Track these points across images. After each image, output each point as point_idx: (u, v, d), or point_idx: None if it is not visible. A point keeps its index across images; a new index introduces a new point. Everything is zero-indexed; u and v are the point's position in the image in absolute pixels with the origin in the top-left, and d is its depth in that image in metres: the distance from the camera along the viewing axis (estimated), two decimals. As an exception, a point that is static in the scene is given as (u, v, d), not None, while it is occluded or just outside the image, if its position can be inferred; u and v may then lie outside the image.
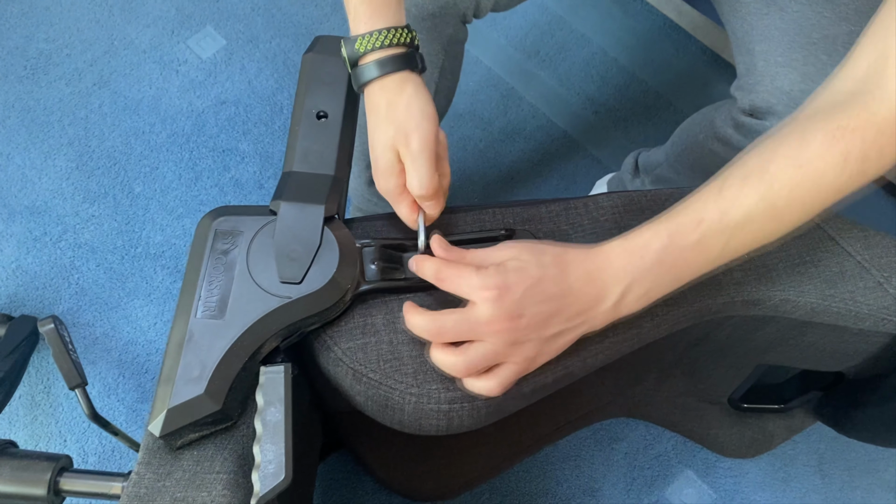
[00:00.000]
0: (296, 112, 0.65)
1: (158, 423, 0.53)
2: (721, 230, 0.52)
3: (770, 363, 0.84)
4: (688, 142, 0.95)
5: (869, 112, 0.49)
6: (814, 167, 0.50)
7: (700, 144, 0.90)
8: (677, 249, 0.52)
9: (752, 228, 0.52)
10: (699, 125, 0.92)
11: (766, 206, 0.51)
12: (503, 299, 0.51)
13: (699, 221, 0.52)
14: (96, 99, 1.29)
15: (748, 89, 0.77)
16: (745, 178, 0.52)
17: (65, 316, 1.13)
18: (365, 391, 0.59)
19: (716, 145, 0.86)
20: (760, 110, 0.76)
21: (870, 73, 0.51)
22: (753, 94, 0.76)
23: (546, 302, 0.52)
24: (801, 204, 0.52)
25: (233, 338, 0.55)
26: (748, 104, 0.77)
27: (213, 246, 0.59)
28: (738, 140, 0.81)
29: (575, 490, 1.07)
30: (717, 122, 0.86)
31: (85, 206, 1.21)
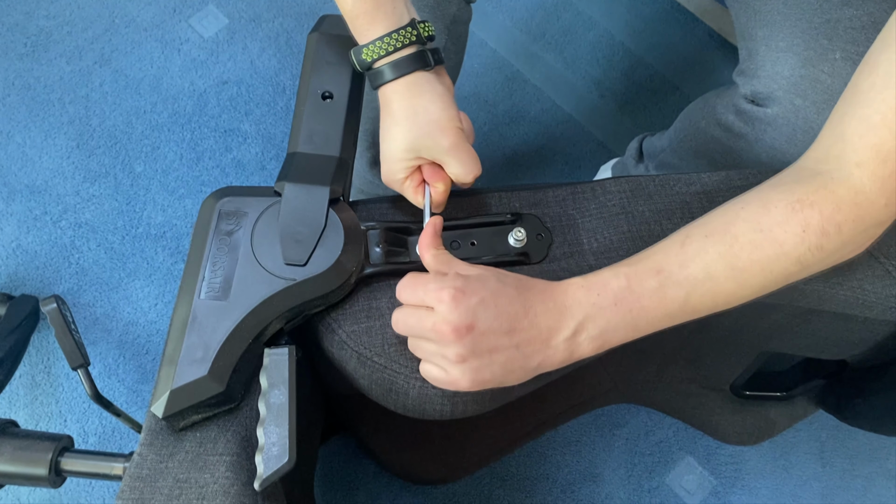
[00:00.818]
0: (301, 92, 0.64)
1: (161, 404, 0.52)
2: (680, 282, 0.52)
3: (773, 351, 0.83)
4: (690, 128, 0.94)
5: (827, 189, 0.51)
6: (774, 234, 0.52)
7: (702, 131, 0.89)
8: (635, 294, 0.52)
9: (712, 286, 0.53)
10: (701, 111, 0.91)
11: (726, 266, 0.52)
12: (457, 302, 0.49)
13: (658, 270, 0.52)
14: (97, 77, 1.28)
15: (750, 75, 0.76)
16: (707, 235, 0.53)
17: (65, 296, 1.13)
18: (369, 375, 0.59)
19: (717, 131, 0.85)
20: (761, 96, 0.75)
21: (829, 154, 0.53)
22: (755, 80, 0.75)
23: (500, 318, 0.50)
24: (761, 268, 0.52)
25: (236, 319, 0.55)
26: (749, 90, 0.77)
27: (218, 227, 0.59)
28: (740, 127, 0.80)
29: (575, 475, 1.07)
30: (718, 108, 0.85)
31: (85, 186, 1.20)
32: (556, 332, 0.52)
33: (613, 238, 0.64)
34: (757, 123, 0.77)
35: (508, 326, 0.50)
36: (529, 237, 0.63)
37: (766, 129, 0.76)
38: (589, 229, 0.65)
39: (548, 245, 0.63)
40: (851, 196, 0.51)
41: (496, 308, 0.50)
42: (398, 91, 0.58)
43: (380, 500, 1.04)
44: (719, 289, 0.53)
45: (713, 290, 0.53)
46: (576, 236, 0.64)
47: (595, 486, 1.07)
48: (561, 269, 0.62)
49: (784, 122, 0.74)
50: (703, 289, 0.52)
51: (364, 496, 1.04)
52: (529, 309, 0.51)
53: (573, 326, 0.52)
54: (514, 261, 0.62)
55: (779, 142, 0.75)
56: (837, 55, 0.69)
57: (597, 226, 0.65)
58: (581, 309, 0.52)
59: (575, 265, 0.63)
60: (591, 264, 0.63)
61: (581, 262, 0.63)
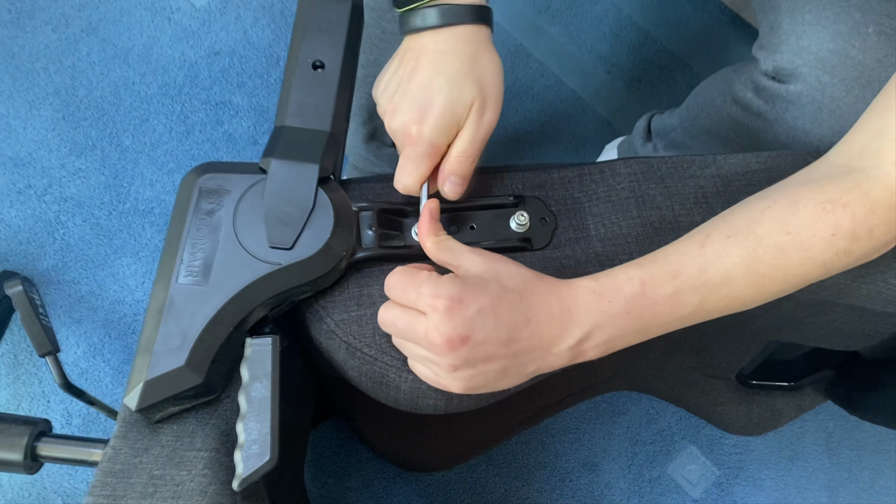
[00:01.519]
0: (290, 61, 0.60)
1: (135, 396, 0.50)
2: (697, 287, 0.49)
3: (783, 341, 0.81)
4: (704, 105, 0.90)
5: (862, 190, 0.48)
6: (801, 237, 0.48)
7: (717, 108, 0.86)
8: (648, 300, 0.48)
9: (730, 291, 0.49)
10: (717, 88, 0.87)
11: (747, 271, 0.49)
12: (452, 313, 0.46)
13: (675, 274, 0.49)
14: (84, 46, 1.25)
15: (771, 49, 0.72)
16: (729, 235, 0.49)
17: (49, 273, 1.10)
18: (359, 367, 0.56)
19: (734, 110, 0.81)
20: (784, 72, 0.71)
21: (866, 150, 0.49)
22: (777, 55, 0.71)
23: (499, 328, 0.46)
24: (783, 273, 0.49)
25: (217, 306, 0.52)
26: (771, 66, 0.72)
27: (198, 205, 0.55)
28: (759, 105, 0.76)
29: (574, 464, 1.06)
30: (735, 84, 0.81)
31: (71, 159, 1.17)
32: (558, 341, 0.48)
33: (622, 223, 0.61)
34: (778, 101, 0.73)
35: (507, 336, 0.47)
36: (532, 221, 0.60)
37: (788, 107, 0.72)
38: (596, 214, 0.61)
39: (552, 230, 0.60)
40: (887, 197, 0.47)
41: (495, 318, 0.46)
42: (463, 37, 0.54)
43: (372, 486, 1.03)
44: (736, 293, 0.50)
45: (729, 295, 0.50)
46: (582, 221, 0.61)
47: (594, 476, 1.06)
48: (565, 256, 0.59)
49: (808, 100, 0.70)
50: (719, 294, 0.49)
51: (356, 482, 1.03)
52: (532, 318, 0.47)
53: (579, 335, 0.48)
54: (515, 247, 0.59)
55: (801, 121, 0.72)
56: (871, 29, 0.65)
57: (604, 210, 0.62)
58: (590, 317, 0.48)
59: (580, 252, 0.60)
60: (597, 251, 0.60)
61: (587, 249, 0.60)
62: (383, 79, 0.58)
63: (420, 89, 0.54)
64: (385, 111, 0.56)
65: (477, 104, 0.54)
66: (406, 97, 0.55)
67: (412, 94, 0.54)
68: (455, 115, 0.54)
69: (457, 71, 0.54)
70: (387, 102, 0.56)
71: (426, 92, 0.54)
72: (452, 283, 0.47)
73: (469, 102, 0.54)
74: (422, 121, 0.54)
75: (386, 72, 0.58)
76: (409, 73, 0.55)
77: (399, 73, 0.56)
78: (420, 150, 0.54)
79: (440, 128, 0.54)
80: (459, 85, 0.54)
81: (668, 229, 0.60)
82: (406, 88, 0.55)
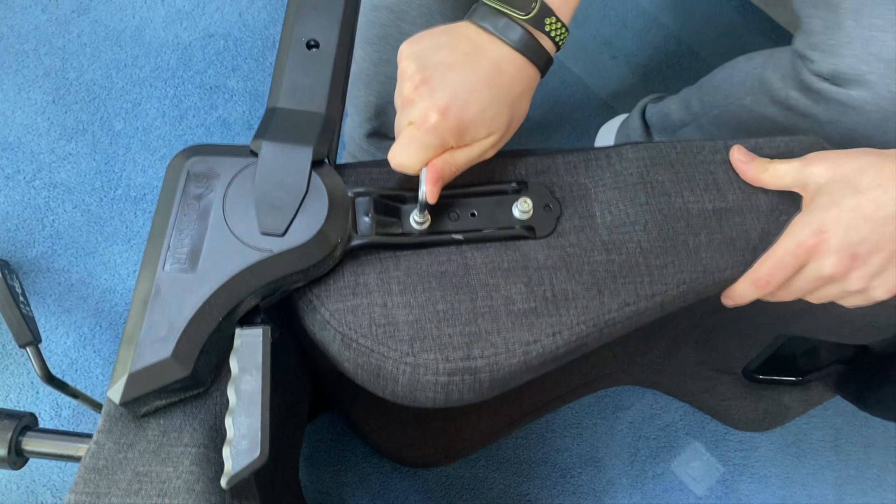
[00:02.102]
0: (283, 39, 0.58)
1: (119, 388, 0.47)
2: None
3: (792, 334, 0.79)
4: (728, 104, 0.86)
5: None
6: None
7: (747, 108, 0.82)
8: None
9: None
10: (743, 86, 0.83)
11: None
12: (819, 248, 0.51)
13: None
14: (75, 27, 1.23)
15: (829, 51, 0.67)
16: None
17: (38, 260, 1.08)
18: (354, 358, 0.54)
19: (771, 108, 0.78)
20: (845, 77, 0.67)
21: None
22: (837, 58, 0.67)
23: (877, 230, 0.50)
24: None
25: (205, 295, 0.49)
26: (829, 68, 0.68)
27: (186, 189, 0.53)
28: (807, 106, 0.72)
29: (575, 459, 1.05)
30: (772, 82, 0.77)
31: (61, 143, 1.15)
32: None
33: (630, 210, 0.59)
34: (834, 105, 0.70)
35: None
36: (536, 208, 0.57)
37: (848, 112, 0.69)
38: (603, 201, 0.59)
39: (556, 217, 0.58)
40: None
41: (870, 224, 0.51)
42: (524, 72, 0.54)
43: (369, 481, 1.01)
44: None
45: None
46: (588, 208, 0.59)
47: (596, 472, 1.04)
48: (570, 245, 0.57)
49: (874, 108, 0.67)
50: None
51: (353, 477, 1.01)
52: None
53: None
54: (517, 234, 0.57)
55: (863, 126, 0.69)
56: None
57: (611, 197, 0.59)
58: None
59: (586, 240, 0.57)
60: (604, 239, 0.57)
61: (593, 237, 0.58)
62: (423, 42, 0.53)
63: (462, 86, 0.51)
64: (411, 78, 0.52)
65: (496, 136, 0.53)
66: (444, 83, 0.51)
67: (452, 85, 0.51)
68: (476, 132, 0.52)
69: (503, 95, 0.52)
70: (417, 71, 0.52)
71: (467, 93, 0.51)
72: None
73: (494, 129, 0.53)
74: (447, 117, 0.51)
75: (429, 37, 0.54)
76: (459, 61, 0.52)
77: (446, 53, 0.52)
78: (430, 139, 0.51)
79: (459, 133, 0.51)
80: (497, 109, 0.52)
81: (678, 216, 0.58)
82: (447, 74, 0.51)
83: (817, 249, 0.51)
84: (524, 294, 0.54)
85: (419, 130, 0.51)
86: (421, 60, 0.52)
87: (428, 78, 0.51)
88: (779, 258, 0.53)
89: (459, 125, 0.51)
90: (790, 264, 0.53)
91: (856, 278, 0.51)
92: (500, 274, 0.55)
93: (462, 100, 0.50)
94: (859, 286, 0.52)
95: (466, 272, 0.55)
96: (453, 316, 0.53)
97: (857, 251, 0.50)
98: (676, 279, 0.56)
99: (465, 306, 0.53)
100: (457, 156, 0.53)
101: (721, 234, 0.58)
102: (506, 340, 0.52)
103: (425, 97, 0.51)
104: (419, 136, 0.51)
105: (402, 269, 0.55)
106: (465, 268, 0.55)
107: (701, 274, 0.57)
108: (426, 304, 0.53)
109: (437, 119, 0.50)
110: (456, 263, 0.55)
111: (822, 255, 0.51)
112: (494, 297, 0.54)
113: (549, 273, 0.55)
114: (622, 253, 0.56)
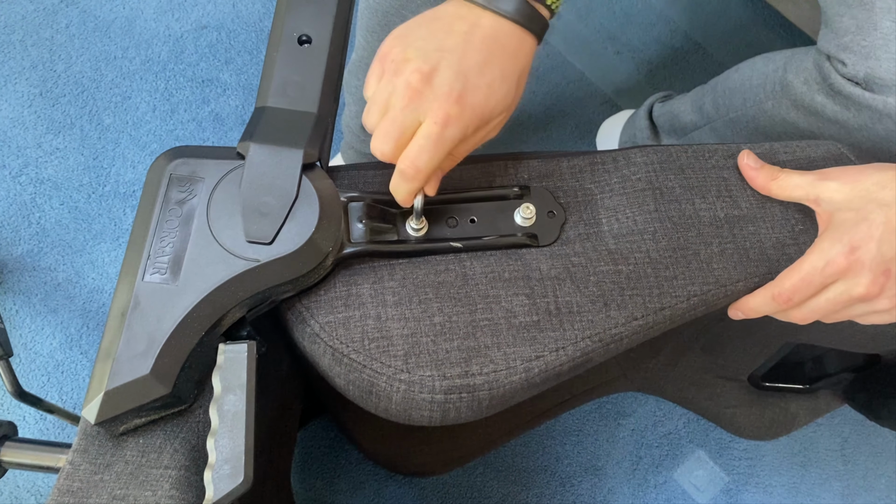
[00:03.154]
0: (273, 34, 0.56)
1: (94, 408, 0.45)
2: None
3: (801, 342, 0.77)
4: (746, 108, 0.83)
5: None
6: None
7: (768, 114, 0.79)
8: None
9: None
10: (763, 89, 0.80)
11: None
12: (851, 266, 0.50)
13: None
14: (63, 18, 1.21)
15: (863, 53, 0.64)
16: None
17: (24, 259, 1.06)
18: (346, 374, 0.52)
19: (794, 115, 0.74)
20: (880, 83, 0.64)
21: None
22: (872, 61, 0.63)
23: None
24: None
25: (187, 307, 0.47)
26: (863, 72, 0.64)
27: (168, 194, 0.51)
28: (835, 112, 0.69)
29: (576, 468, 1.04)
30: (795, 86, 0.74)
31: (49, 138, 1.13)
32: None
33: (638, 218, 0.57)
34: (866, 111, 0.67)
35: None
36: (539, 215, 0.55)
37: (883, 119, 0.66)
38: (609, 207, 0.57)
39: (560, 225, 0.56)
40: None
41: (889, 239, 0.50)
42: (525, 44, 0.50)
43: (364, 489, 0.99)
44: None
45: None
46: (593, 215, 0.57)
47: (597, 480, 1.03)
48: (575, 254, 0.55)
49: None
50: None
51: (346, 485, 1.00)
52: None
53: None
54: (519, 243, 0.54)
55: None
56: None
57: (618, 203, 0.57)
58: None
59: (592, 249, 0.55)
60: (610, 248, 0.55)
61: (599, 246, 0.56)
62: (416, 31, 0.49)
63: (472, 70, 0.47)
64: (418, 69, 0.47)
65: (506, 114, 0.51)
66: (454, 70, 0.47)
67: (462, 70, 0.47)
68: (493, 115, 0.49)
69: (510, 71, 0.49)
70: (422, 62, 0.47)
71: (478, 76, 0.47)
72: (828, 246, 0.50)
73: (505, 107, 0.50)
74: (465, 105, 0.47)
75: (418, 26, 0.50)
76: (460, 44, 0.48)
77: (443, 37, 0.48)
78: (452, 133, 0.47)
79: (481, 121, 0.48)
80: (508, 86, 0.49)
81: (688, 225, 0.56)
82: (454, 61, 0.47)
83: (851, 269, 0.49)
84: (526, 306, 0.52)
85: (438, 126, 0.46)
86: (420, 50, 0.48)
87: (435, 67, 0.47)
88: (805, 275, 0.51)
89: (482, 113, 0.48)
90: (816, 283, 0.51)
91: (886, 297, 0.50)
92: (500, 285, 0.53)
93: (474, 84, 0.47)
94: (888, 305, 0.50)
95: (465, 283, 0.52)
96: (451, 329, 0.51)
97: (890, 267, 0.49)
98: (687, 292, 0.54)
99: (463, 319, 0.51)
100: (459, 145, 0.49)
101: (734, 244, 0.56)
102: (506, 356, 0.50)
103: (439, 88, 0.47)
104: (438, 132, 0.46)
105: (398, 278, 0.52)
106: (463, 278, 0.53)
107: (713, 286, 0.55)
108: (422, 317, 0.51)
109: (457, 111, 0.46)
110: (454, 273, 0.53)
111: (855, 275, 0.49)
112: (494, 309, 0.52)
113: (552, 284, 0.53)
114: (630, 263, 0.54)
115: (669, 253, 0.55)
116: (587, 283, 0.53)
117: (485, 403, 0.51)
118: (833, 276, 0.50)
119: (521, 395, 0.54)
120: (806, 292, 0.52)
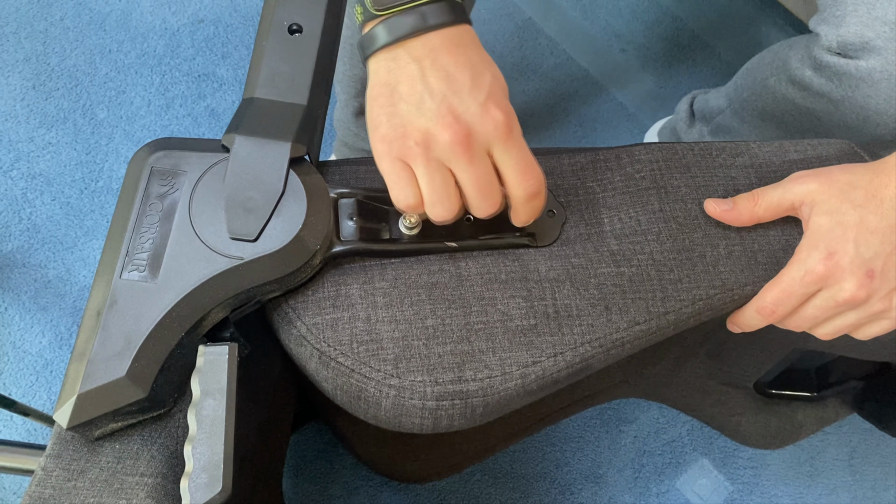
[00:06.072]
0: (263, 23, 0.54)
1: (66, 411, 0.43)
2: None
3: (809, 348, 0.75)
4: (755, 85, 0.86)
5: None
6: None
7: (770, 89, 0.81)
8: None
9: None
10: (769, 66, 0.83)
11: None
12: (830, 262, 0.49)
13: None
14: (58, 10, 1.20)
15: (835, 22, 0.67)
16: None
17: (14, 255, 1.05)
18: (333, 378, 0.50)
19: (790, 90, 0.77)
20: (852, 47, 0.66)
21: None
22: (843, 28, 0.66)
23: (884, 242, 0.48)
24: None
25: (166, 306, 0.45)
26: (835, 40, 0.68)
27: (148, 187, 0.49)
28: (821, 84, 0.72)
29: (576, 475, 1.03)
30: (791, 62, 0.76)
31: (41, 132, 1.13)
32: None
33: (641, 218, 0.55)
34: (845, 79, 0.69)
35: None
36: None
37: (859, 85, 0.68)
38: (611, 206, 0.55)
39: (560, 224, 0.54)
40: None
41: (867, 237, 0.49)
42: (450, 38, 0.46)
43: (358, 494, 0.99)
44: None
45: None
46: (595, 214, 0.55)
47: (597, 488, 1.03)
48: (576, 255, 0.53)
49: (883, 76, 0.65)
50: None
51: (340, 490, 0.99)
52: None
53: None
54: (517, 243, 0.53)
55: (875, 100, 0.67)
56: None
57: (621, 202, 0.56)
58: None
59: (593, 249, 0.54)
60: (612, 249, 0.54)
61: (601, 247, 0.54)
62: (404, 104, 0.45)
63: (465, 69, 0.45)
64: (444, 123, 0.44)
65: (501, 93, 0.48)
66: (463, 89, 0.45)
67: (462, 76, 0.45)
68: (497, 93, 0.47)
69: (486, 69, 0.46)
70: (442, 116, 0.44)
71: (470, 70, 0.46)
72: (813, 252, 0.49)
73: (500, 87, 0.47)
74: (508, 115, 0.46)
75: (402, 101, 0.45)
76: (442, 73, 0.45)
77: (421, 86, 0.45)
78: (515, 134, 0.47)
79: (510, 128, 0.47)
80: (498, 82, 0.47)
81: (694, 226, 0.54)
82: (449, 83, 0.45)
83: (832, 275, 0.49)
84: (523, 309, 0.50)
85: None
86: (430, 109, 0.45)
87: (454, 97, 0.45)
88: (785, 286, 0.51)
89: (510, 118, 0.46)
90: (797, 293, 0.50)
91: (878, 298, 0.49)
92: (496, 286, 0.51)
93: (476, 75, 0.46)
94: (882, 307, 0.49)
95: (459, 284, 0.51)
96: (444, 333, 0.49)
97: (873, 266, 0.48)
98: (692, 295, 0.52)
99: (457, 322, 0.49)
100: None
101: (741, 246, 0.54)
102: (502, 361, 0.49)
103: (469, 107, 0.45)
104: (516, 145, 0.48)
105: (389, 279, 0.51)
106: (458, 279, 0.51)
107: (719, 290, 0.53)
108: (414, 320, 0.49)
109: (503, 118, 0.46)
110: (448, 274, 0.51)
111: (836, 280, 0.49)
112: (490, 312, 0.50)
113: (551, 286, 0.51)
114: (632, 265, 0.53)
115: (674, 255, 0.53)
116: (587, 285, 0.51)
117: (479, 411, 0.50)
118: (814, 285, 0.49)
119: (517, 403, 0.52)
120: (788, 304, 0.51)
